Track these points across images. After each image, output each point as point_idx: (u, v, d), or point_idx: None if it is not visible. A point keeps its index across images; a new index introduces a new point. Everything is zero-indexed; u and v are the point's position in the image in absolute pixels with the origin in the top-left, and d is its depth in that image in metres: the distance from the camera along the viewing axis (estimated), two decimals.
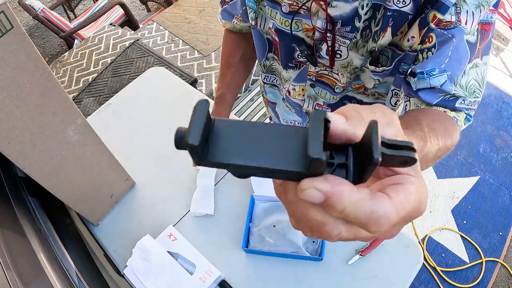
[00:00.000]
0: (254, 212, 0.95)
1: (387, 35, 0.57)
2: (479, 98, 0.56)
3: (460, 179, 2.07)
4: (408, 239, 0.91)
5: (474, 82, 0.55)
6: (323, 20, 0.61)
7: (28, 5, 2.34)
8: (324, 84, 0.74)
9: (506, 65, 2.63)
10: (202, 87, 2.09)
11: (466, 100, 0.56)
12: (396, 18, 0.55)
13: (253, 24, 0.75)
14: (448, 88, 0.54)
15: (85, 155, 0.84)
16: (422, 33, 0.54)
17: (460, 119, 0.56)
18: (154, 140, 1.16)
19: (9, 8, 0.55)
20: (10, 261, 0.64)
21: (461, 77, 0.54)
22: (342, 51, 0.64)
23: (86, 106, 1.95)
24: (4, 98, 0.61)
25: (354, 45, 0.62)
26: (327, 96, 0.76)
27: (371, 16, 0.57)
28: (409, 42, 0.57)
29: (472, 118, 0.59)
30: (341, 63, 0.67)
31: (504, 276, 1.78)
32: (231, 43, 0.89)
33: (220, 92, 0.90)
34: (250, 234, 0.92)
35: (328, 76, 0.72)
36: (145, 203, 1.04)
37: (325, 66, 0.70)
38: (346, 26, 0.60)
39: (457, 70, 0.53)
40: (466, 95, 0.55)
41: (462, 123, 0.57)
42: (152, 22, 2.54)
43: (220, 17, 0.85)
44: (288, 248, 0.88)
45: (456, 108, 0.56)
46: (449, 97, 0.55)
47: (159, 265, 0.88)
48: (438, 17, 0.51)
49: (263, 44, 0.79)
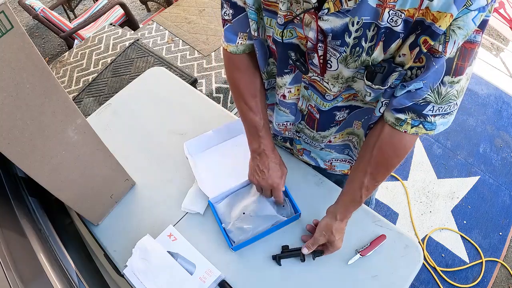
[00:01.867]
0: (219, 213, 0.96)
1: (378, 49, 0.59)
2: (454, 102, 0.63)
3: (460, 179, 2.07)
4: (408, 239, 0.91)
5: (454, 92, 0.61)
6: (314, 32, 0.63)
7: (28, 5, 2.34)
8: (316, 90, 0.76)
9: (506, 65, 2.63)
10: (202, 87, 2.09)
11: (435, 107, 0.63)
12: (387, 34, 0.57)
13: (256, 35, 0.76)
14: (422, 93, 0.62)
15: (85, 155, 0.84)
16: (414, 53, 0.57)
17: (410, 130, 0.67)
18: (154, 140, 1.16)
19: (9, 8, 0.55)
20: (10, 261, 0.64)
21: (439, 86, 0.60)
22: (332, 62, 0.66)
23: (86, 106, 1.94)
24: (4, 98, 0.61)
25: (344, 60, 0.64)
26: (318, 100, 0.78)
27: (362, 35, 0.58)
28: (400, 58, 0.59)
29: (437, 123, 0.66)
30: (332, 74, 0.68)
31: (504, 276, 1.78)
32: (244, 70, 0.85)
33: (259, 127, 0.87)
34: (228, 232, 0.93)
35: (319, 83, 0.73)
36: (145, 203, 1.04)
37: (317, 73, 0.71)
38: (336, 40, 0.61)
39: (433, 79, 0.60)
40: (437, 102, 0.62)
41: (420, 130, 0.67)
42: (152, 22, 2.54)
43: (223, 40, 0.82)
44: (267, 222, 0.92)
45: (423, 113, 0.64)
46: (421, 102, 0.63)
47: (159, 265, 0.88)
48: (429, 43, 0.54)
49: (264, 51, 0.80)
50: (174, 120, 1.20)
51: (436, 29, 0.52)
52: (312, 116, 0.84)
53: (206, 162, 1.07)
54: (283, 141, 1.05)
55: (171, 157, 1.11)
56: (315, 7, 0.58)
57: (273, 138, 1.06)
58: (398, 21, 0.54)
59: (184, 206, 0.99)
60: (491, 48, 2.74)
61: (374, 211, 0.97)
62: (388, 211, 1.97)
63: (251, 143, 0.92)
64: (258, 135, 0.89)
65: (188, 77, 1.90)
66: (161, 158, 1.12)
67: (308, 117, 0.85)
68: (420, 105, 0.63)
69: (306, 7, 0.60)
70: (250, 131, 0.90)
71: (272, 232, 0.93)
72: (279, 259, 0.89)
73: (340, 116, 0.81)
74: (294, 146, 1.01)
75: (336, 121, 0.82)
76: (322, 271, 0.88)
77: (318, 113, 0.81)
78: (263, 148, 0.89)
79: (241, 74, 0.86)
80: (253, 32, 0.75)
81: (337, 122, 0.83)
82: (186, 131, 1.16)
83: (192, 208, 0.99)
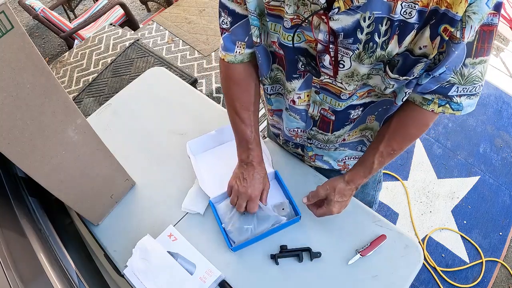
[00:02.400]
0: (219, 213, 0.96)
1: (393, 42, 0.59)
2: (479, 83, 0.64)
3: (460, 179, 2.07)
4: (408, 239, 0.91)
5: (477, 73, 0.62)
6: (324, 33, 0.62)
7: (28, 5, 2.34)
8: (329, 92, 0.75)
9: (506, 65, 2.63)
10: (202, 87, 2.09)
11: (459, 87, 0.64)
12: (401, 28, 0.56)
13: (258, 42, 0.75)
14: (445, 76, 0.63)
15: (85, 155, 0.84)
16: (436, 43, 0.57)
17: (438, 109, 0.68)
18: (154, 140, 1.16)
19: (9, 8, 0.55)
20: (10, 261, 0.64)
21: (462, 68, 0.61)
22: (345, 61, 0.65)
23: (86, 106, 1.95)
24: (4, 98, 0.61)
25: (357, 57, 0.63)
26: (332, 102, 0.77)
27: (374, 30, 0.58)
28: (421, 50, 0.59)
29: (464, 105, 0.67)
30: (345, 73, 0.67)
31: (504, 276, 1.78)
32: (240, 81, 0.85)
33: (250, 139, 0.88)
34: (228, 233, 0.93)
35: (332, 85, 0.72)
36: (145, 203, 1.04)
37: (329, 76, 0.70)
38: (348, 38, 0.60)
39: (455, 63, 0.61)
40: (461, 83, 0.63)
41: (447, 110, 0.68)
42: (152, 22, 2.54)
43: (220, 49, 0.82)
44: (267, 223, 0.92)
45: (449, 95, 0.65)
46: (445, 84, 0.64)
47: (159, 265, 0.88)
48: (449, 30, 0.54)
49: (267, 57, 0.79)
50: (174, 120, 1.20)
51: (453, 16, 0.52)
52: (326, 119, 0.83)
53: (208, 162, 1.07)
54: (295, 147, 1.03)
55: (171, 157, 1.11)
56: (324, 8, 0.57)
57: (285, 144, 1.06)
58: (413, 13, 0.54)
59: (184, 206, 0.99)
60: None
61: (374, 211, 0.97)
62: (388, 211, 1.97)
63: (240, 154, 0.92)
64: (248, 148, 0.90)
65: (188, 77, 1.90)
66: (161, 158, 1.12)
67: (321, 121, 0.85)
68: (445, 87, 0.64)
69: (314, 8, 0.59)
70: (241, 143, 0.91)
71: (272, 233, 0.93)
72: (277, 259, 0.89)
73: (355, 114, 0.80)
74: (306, 153, 1.01)
75: (350, 119, 0.82)
76: (323, 271, 0.88)
77: (333, 115, 0.81)
78: (251, 160, 0.90)
79: (236, 86, 0.86)
80: (255, 38, 0.74)
81: (352, 120, 0.83)
82: (186, 131, 1.16)
83: (192, 208, 0.99)
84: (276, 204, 0.97)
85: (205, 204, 0.99)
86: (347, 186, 0.83)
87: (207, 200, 0.97)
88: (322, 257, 0.89)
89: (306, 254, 0.90)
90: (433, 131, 2.25)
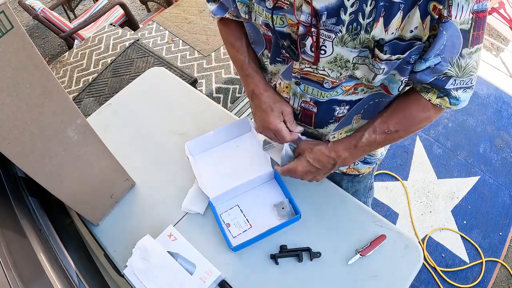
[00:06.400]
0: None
1: (379, 26, 0.58)
2: (474, 74, 0.65)
3: (460, 179, 2.07)
4: (408, 239, 0.91)
5: (473, 63, 0.62)
6: (307, 14, 0.61)
7: (28, 5, 2.34)
8: (311, 81, 0.74)
9: (506, 65, 2.63)
10: (202, 87, 2.10)
11: (457, 80, 0.64)
12: (387, 8, 0.56)
13: (247, 18, 0.75)
14: (442, 68, 0.62)
15: (85, 155, 0.84)
16: (427, 22, 0.57)
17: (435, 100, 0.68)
18: (154, 140, 1.16)
19: (9, 8, 0.55)
20: (10, 261, 0.64)
21: (458, 59, 0.61)
22: (327, 47, 0.64)
23: (86, 106, 1.95)
24: (4, 98, 0.61)
25: (340, 40, 0.62)
26: (315, 92, 0.75)
27: (358, 9, 0.57)
28: (413, 32, 0.59)
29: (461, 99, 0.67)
30: (327, 60, 0.66)
31: (504, 276, 1.78)
32: (233, 26, 0.86)
33: (245, 65, 0.85)
34: (229, 232, 0.94)
35: (314, 73, 0.71)
36: (145, 203, 1.04)
37: (309, 63, 0.69)
38: (331, 18, 0.60)
39: (451, 53, 0.60)
40: (458, 75, 0.63)
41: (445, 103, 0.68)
42: (152, 22, 2.54)
43: (213, 15, 0.84)
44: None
45: (446, 88, 0.65)
46: (442, 77, 0.64)
47: (159, 265, 0.88)
48: (438, 8, 0.55)
49: (261, 38, 0.79)
50: (174, 120, 1.20)
51: None
52: (308, 112, 0.82)
53: (207, 162, 1.07)
54: None
55: (171, 157, 1.11)
56: None
57: None
58: None
59: (184, 206, 0.99)
60: (491, 48, 2.74)
61: (374, 211, 0.97)
62: (388, 211, 1.97)
63: (245, 87, 0.89)
64: (246, 75, 0.85)
65: (188, 77, 1.90)
66: (161, 158, 1.12)
67: (302, 115, 0.83)
68: (442, 80, 0.64)
69: None
70: (240, 73, 0.88)
71: (272, 233, 0.93)
72: (276, 259, 0.89)
73: (340, 112, 0.79)
74: None
75: (335, 117, 0.80)
76: (323, 271, 0.88)
77: (315, 107, 0.79)
78: (252, 88, 0.84)
79: (228, 28, 0.88)
80: (243, 14, 0.75)
81: (336, 118, 0.81)
82: (186, 131, 1.16)
83: (192, 208, 0.99)
84: (276, 203, 0.97)
85: (205, 204, 0.99)
86: (326, 151, 0.80)
87: (207, 200, 0.97)
88: (322, 257, 0.89)
89: (306, 254, 0.90)
90: (433, 131, 2.25)
